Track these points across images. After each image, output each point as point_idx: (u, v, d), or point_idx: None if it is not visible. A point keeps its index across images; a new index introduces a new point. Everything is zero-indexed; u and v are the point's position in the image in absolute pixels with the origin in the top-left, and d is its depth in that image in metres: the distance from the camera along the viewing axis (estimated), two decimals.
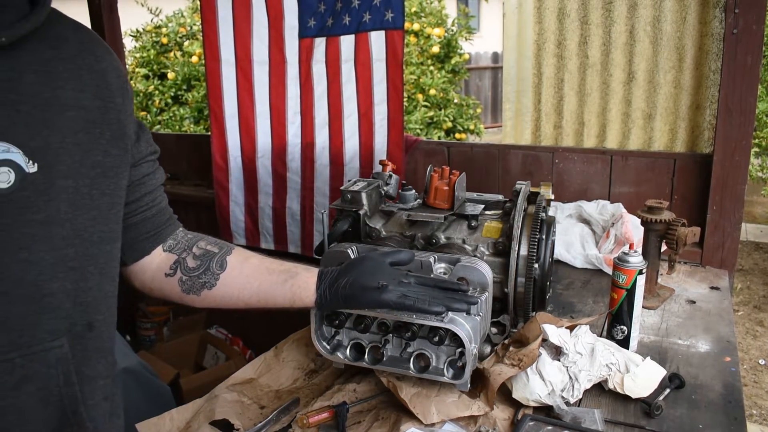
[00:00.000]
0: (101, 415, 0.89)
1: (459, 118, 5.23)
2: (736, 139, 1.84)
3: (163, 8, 5.17)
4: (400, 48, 2.28)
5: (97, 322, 0.86)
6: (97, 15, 2.92)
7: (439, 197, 1.37)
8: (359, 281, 1.06)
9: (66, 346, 0.81)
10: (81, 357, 0.84)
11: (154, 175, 1.01)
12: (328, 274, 1.10)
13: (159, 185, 1.03)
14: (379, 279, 1.06)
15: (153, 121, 4.87)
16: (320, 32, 2.38)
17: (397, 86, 2.34)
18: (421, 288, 1.08)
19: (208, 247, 1.09)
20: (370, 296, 1.05)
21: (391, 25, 2.27)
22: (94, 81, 0.85)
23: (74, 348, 0.83)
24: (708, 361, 1.35)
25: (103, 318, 0.88)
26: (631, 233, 1.81)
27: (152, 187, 1.01)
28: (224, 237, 2.81)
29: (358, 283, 1.06)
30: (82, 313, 0.83)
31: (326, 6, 2.34)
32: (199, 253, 1.07)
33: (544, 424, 1.12)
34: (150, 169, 1.00)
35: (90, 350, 0.86)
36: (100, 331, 0.87)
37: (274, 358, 1.39)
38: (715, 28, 2.02)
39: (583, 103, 2.36)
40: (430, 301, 1.05)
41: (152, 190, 1.01)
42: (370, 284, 1.05)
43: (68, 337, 0.81)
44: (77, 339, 0.83)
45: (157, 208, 1.03)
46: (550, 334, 1.18)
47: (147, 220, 1.02)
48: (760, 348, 3.81)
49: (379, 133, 2.41)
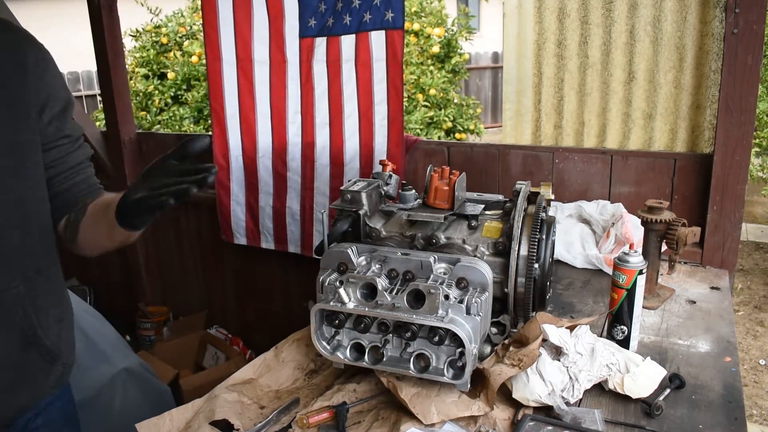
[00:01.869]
0: (55, 333, 1.21)
1: (459, 118, 5.23)
2: (737, 139, 1.84)
3: (163, 8, 5.16)
4: (400, 48, 2.28)
5: (44, 267, 1.17)
6: (96, 15, 2.91)
7: (439, 197, 1.37)
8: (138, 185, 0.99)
9: (21, 287, 1.10)
10: (33, 294, 1.13)
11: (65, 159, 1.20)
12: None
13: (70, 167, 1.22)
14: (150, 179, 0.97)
15: (153, 121, 4.87)
16: (321, 32, 2.38)
17: (397, 86, 2.34)
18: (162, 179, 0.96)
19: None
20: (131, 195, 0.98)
21: (391, 25, 2.27)
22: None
23: (27, 288, 1.12)
24: (708, 362, 1.35)
25: (49, 263, 1.18)
26: (632, 233, 1.80)
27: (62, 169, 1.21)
28: (225, 236, 2.81)
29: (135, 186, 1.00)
30: (30, 261, 1.12)
31: (327, 6, 2.34)
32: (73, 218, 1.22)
33: (544, 424, 1.12)
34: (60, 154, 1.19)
35: (39, 288, 1.15)
36: (47, 273, 1.18)
37: (274, 358, 1.39)
38: (716, 28, 2.02)
39: (584, 103, 2.36)
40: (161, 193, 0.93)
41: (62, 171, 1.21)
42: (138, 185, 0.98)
43: (22, 281, 1.10)
44: (29, 281, 1.12)
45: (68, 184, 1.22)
46: (550, 334, 1.18)
47: (58, 195, 1.21)
48: (760, 348, 3.81)
49: (379, 133, 2.41)
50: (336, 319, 1.20)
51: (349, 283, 1.19)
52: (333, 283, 1.20)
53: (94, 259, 1.52)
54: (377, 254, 1.27)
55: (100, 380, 2.04)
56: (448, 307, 1.12)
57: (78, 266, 3.69)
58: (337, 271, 1.24)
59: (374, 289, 1.17)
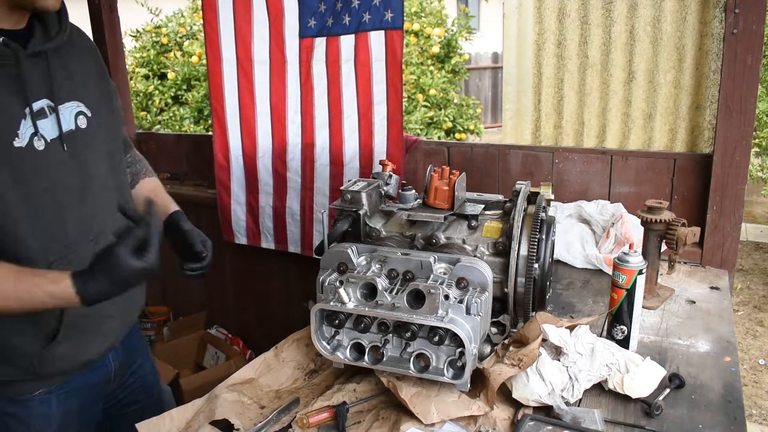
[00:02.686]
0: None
1: (459, 118, 5.22)
2: (736, 139, 1.84)
3: (163, 8, 5.16)
4: (400, 48, 2.28)
5: (128, 205, 1.43)
6: (97, 15, 2.92)
7: (439, 197, 1.37)
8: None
9: (120, 218, 1.38)
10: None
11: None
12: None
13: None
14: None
15: (153, 121, 4.86)
16: (320, 32, 2.38)
17: (397, 86, 2.34)
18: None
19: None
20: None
21: (390, 25, 2.27)
22: (97, 61, 1.40)
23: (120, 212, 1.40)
24: (708, 361, 1.35)
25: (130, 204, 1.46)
26: (631, 233, 1.81)
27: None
28: (226, 236, 2.82)
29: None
30: (121, 197, 1.40)
31: (326, 6, 2.34)
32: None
33: (544, 424, 1.12)
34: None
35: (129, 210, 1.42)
36: (128, 208, 1.43)
37: (274, 358, 1.39)
38: (715, 28, 2.02)
39: (583, 103, 2.36)
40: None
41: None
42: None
43: (119, 208, 1.39)
44: (122, 209, 1.40)
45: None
46: (550, 334, 1.18)
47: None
48: (760, 348, 3.81)
49: (378, 133, 2.41)
50: (336, 319, 1.20)
51: (349, 283, 1.19)
52: (333, 283, 1.20)
53: None
54: (377, 254, 1.27)
55: None
56: (448, 307, 1.12)
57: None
58: (337, 271, 1.24)
59: (374, 289, 1.17)
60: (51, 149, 1.21)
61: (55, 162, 1.21)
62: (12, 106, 1.16)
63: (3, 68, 1.16)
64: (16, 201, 1.16)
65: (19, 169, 1.16)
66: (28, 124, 1.17)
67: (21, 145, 1.16)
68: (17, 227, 1.17)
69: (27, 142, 1.17)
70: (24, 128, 1.17)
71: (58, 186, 1.22)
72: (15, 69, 1.16)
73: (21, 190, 1.16)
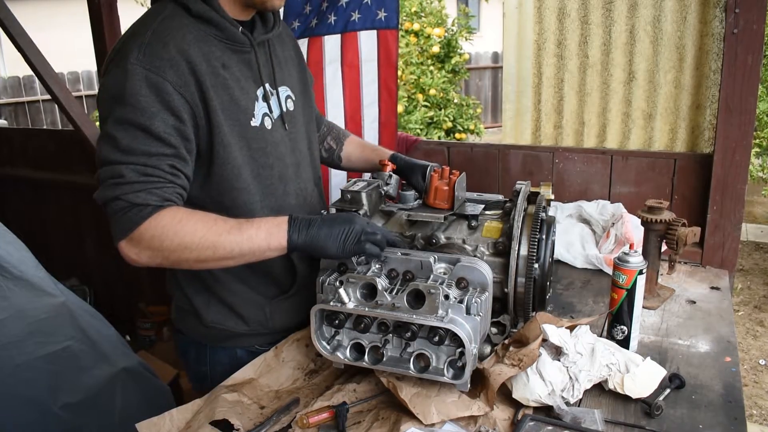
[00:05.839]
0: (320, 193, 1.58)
1: (459, 118, 5.23)
2: (737, 139, 1.84)
3: None
4: (394, 48, 2.22)
5: (319, 179, 1.56)
6: (96, 14, 2.91)
7: (439, 197, 1.37)
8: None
9: (316, 190, 1.52)
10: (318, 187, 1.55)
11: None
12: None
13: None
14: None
15: None
16: (303, 33, 2.28)
17: (391, 88, 2.27)
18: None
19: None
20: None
21: (383, 25, 2.20)
22: (296, 49, 1.54)
23: (316, 186, 1.53)
24: (708, 361, 1.35)
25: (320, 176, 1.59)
26: (632, 233, 1.80)
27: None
28: None
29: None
30: (316, 173, 1.53)
31: (312, 6, 2.25)
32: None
33: (544, 424, 1.12)
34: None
35: (319, 185, 1.56)
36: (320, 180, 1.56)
37: (274, 358, 1.39)
38: (716, 28, 2.02)
39: (583, 103, 2.36)
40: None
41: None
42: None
43: (315, 183, 1.53)
44: (316, 183, 1.53)
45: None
46: (550, 334, 1.18)
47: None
48: (760, 348, 3.81)
49: (368, 136, 2.34)
50: (336, 319, 1.20)
51: (349, 283, 1.19)
52: (333, 283, 1.20)
53: (94, 259, 1.51)
54: None
55: (100, 380, 2.03)
56: (448, 307, 1.12)
57: (78, 266, 3.69)
58: (337, 271, 1.24)
59: (374, 289, 1.17)
60: (276, 128, 1.35)
61: (279, 140, 1.36)
62: (250, 89, 1.30)
63: (242, 54, 1.29)
64: (251, 177, 1.30)
65: (253, 147, 1.30)
66: (261, 104, 1.31)
67: (256, 124, 1.30)
68: (252, 203, 1.31)
69: (260, 122, 1.31)
70: (258, 109, 1.30)
71: (281, 162, 1.36)
72: (249, 55, 1.31)
73: (252, 167, 1.30)
